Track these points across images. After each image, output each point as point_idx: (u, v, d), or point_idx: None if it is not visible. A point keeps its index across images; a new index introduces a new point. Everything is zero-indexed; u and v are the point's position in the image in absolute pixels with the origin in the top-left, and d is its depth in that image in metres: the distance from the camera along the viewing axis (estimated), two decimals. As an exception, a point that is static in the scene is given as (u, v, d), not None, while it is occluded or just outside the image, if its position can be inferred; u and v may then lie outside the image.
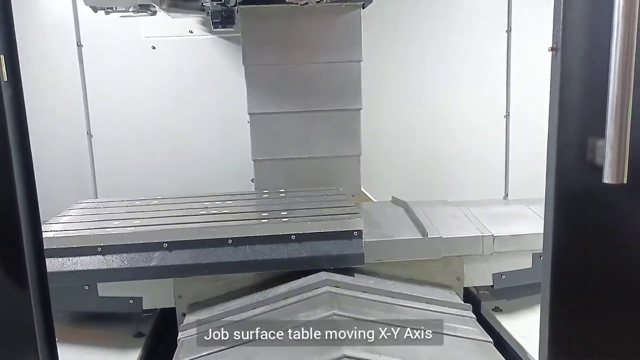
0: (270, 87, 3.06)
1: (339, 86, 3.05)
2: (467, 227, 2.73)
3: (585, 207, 1.35)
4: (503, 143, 3.73)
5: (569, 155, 1.31)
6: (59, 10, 3.44)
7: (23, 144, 1.28)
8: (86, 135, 3.57)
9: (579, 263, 1.40)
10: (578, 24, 1.28)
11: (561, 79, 1.29)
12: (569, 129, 1.31)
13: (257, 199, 3.10)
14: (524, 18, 3.58)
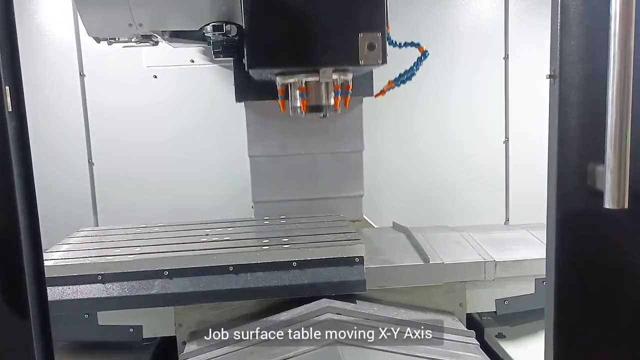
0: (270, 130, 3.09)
1: (340, 130, 3.09)
2: (469, 253, 2.73)
3: (587, 233, 1.35)
4: (503, 168, 3.75)
5: (570, 181, 1.32)
6: (62, 39, 3.49)
7: (26, 173, 1.29)
8: (87, 163, 3.58)
9: (582, 288, 1.40)
10: (575, 51, 1.30)
11: (559, 106, 1.31)
12: (568, 155, 1.32)
13: (258, 225, 3.09)
14: (520, 45, 3.63)
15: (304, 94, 2.29)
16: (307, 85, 2.28)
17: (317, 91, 2.31)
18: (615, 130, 1.23)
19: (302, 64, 2.20)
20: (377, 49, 2.10)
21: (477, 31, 3.61)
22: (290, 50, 2.15)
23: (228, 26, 2.25)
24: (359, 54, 2.11)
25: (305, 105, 2.31)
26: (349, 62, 2.17)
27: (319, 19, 2.12)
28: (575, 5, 1.29)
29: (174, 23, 2.38)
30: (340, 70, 2.29)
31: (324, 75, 2.22)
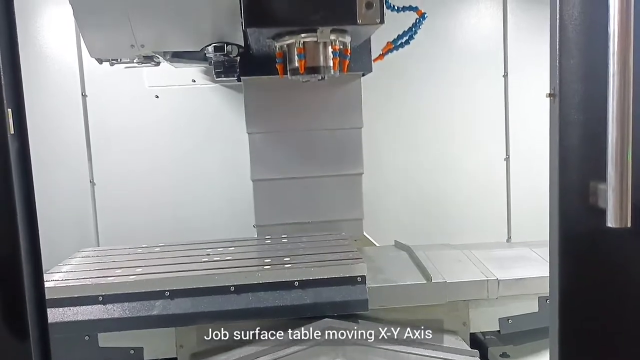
0: (273, 154, 3.11)
1: (340, 151, 3.11)
2: (471, 271, 2.71)
3: (590, 251, 1.34)
4: (504, 185, 3.75)
5: (572, 199, 1.32)
6: (64, 60, 3.51)
7: (28, 195, 1.29)
8: (89, 183, 3.58)
9: (586, 307, 1.39)
10: (574, 70, 1.30)
11: (560, 124, 1.31)
12: (570, 173, 1.32)
13: (259, 245, 3.08)
14: (520, 62, 3.65)
15: (302, 54, 2.25)
16: (304, 45, 2.24)
17: (315, 52, 2.27)
18: (616, 148, 1.23)
19: (300, 23, 2.16)
20: (375, 8, 2.08)
21: (477, 49, 3.65)
22: (288, 9, 2.12)
23: (229, 47, 2.27)
24: (357, 13, 2.08)
25: (303, 67, 2.27)
26: (347, 21, 2.15)
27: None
28: (574, 24, 1.29)
29: (176, 44, 2.39)
30: (338, 31, 2.26)
31: (322, 35, 2.19)
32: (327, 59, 2.29)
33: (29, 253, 1.32)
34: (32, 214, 1.30)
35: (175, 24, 2.31)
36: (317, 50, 2.27)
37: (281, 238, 3.11)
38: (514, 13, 3.63)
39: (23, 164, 1.28)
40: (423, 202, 3.56)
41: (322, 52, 2.28)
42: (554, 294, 1.40)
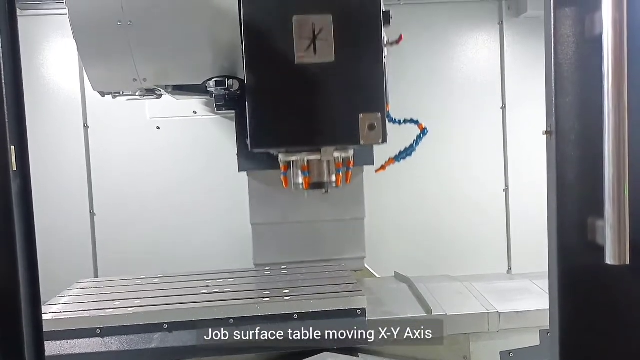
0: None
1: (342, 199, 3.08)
2: (472, 304, 2.69)
3: (589, 287, 1.34)
4: (504, 216, 3.75)
5: (570, 236, 1.32)
6: (67, 92, 3.56)
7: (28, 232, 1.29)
8: (89, 213, 3.59)
9: (586, 343, 1.38)
10: (570, 107, 1.32)
11: (557, 161, 1.32)
12: (568, 210, 1.32)
13: (258, 276, 3.06)
14: (517, 95, 3.70)
15: (306, 171, 2.35)
16: (308, 163, 2.34)
17: (319, 169, 2.38)
18: (614, 185, 1.24)
19: (304, 143, 2.26)
20: (377, 129, 2.17)
21: (475, 82, 3.69)
22: (293, 130, 2.21)
23: (230, 81, 2.30)
24: (359, 134, 2.17)
25: (307, 183, 2.37)
26: (350, 142, 2.24)
27: (321, 100, 2.19)
28: (569, 63, 1.32)
29: (177, 78, 2.43)
30: (341, 147, 2.35)
31: (326, 154, 2.28)
32: (330, 175, 2.40)
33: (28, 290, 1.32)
34: (32, 251, 1.30)
35: (177, 59, 2.35)
36: (320, 167, 2.38)
37: (280, 269, 3.09)
38: (510, 46, 3.69)
39: (25, 201, 1.28)
40: (423, 233, 3.55)
41: (326, 168, 2.38)
42: (555, 329, 1.40)
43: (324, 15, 2.14)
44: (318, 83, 2.18)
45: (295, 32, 2.14)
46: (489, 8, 3.69)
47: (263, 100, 2.19)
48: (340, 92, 2.18)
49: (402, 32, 3.50)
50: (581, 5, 1.30)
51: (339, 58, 2.15)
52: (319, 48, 2.14)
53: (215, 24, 2.24)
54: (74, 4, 2.17)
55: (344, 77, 2.17)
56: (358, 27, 2.17)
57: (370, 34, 2.17)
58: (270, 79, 2.21)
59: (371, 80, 2.17)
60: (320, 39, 2.14)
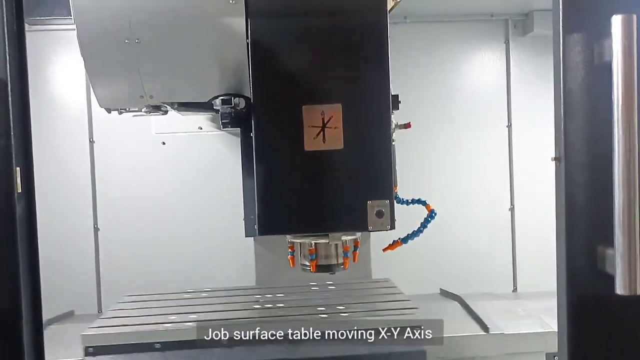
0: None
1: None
2: (527, 323, 2.65)
3: (599, 317, 1.32)
4: (509, 235, 3.73)
5: (579, 264, 1.31)
6: (74, 107, 3.57)
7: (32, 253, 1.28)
8: (93, 228, 3.58)
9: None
10: (579, 134, 1.31)
11: (566, 188, 1.31)
12: (577, 237, 1.31)
13: (306, 292, 3.07)
14: (523, 113, 3.69)
15: (314, 255, 2.35)
16: (316, 246, 2.34)
17: (327, 252, 2.38)
18: (624, 214, 1.22)
19: (312, 229, 2.26)
20: (385, 216, 2.16)
21: (481, 100, 3.69)
22: (301, 216, 2.21)
23: (236, 99, 2.29)
24: (367, 220, 2.16)
25: (314, 266, 2.36)
26: (358, 228, 2.24)
27: (329, 186, 2.20)
28: (578, 89, 1.31)
29: (184, 95, 2.42)
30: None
31: (334, 238, 2.28)
32: (338, 258, 2.39)
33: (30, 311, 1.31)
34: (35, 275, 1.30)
35: (183, 76, 2.35)
36: (328, 250, 2.38)
37: (327, 284, 3.11)
38: (516, 65, 3.69)
39: (28, 222, 1.28)
40: (427, 251, 3.52)
41: (334, 251, 2.38)
42: (563, 358, 1.37)
43: (334, 105, 2.16)
44: (327, 170, 2.20)
45: (304, 120, 2.16)
46: (495, 26, 3.69)
47: (271, 186, 2.21)
48: (349, 178, 2.19)
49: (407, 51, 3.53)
50: (590, 31, 1.29)
51: (347, 145, 2.16)
52: (327, 136, 2.16)
53: (222, 43, 2.24)
54: (82, 21, 2.18)
55: (353, 164, 2.18)
56: (367, 115, 2.18)
57: (380, 122, 2.18)
58: (280, 165, 2.23)
59: (380, 167, 2.18)
60: (329, 127, 2.16)
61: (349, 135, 2.17)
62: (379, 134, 2.20)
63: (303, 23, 2.19)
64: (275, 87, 2.22)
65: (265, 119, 2.22)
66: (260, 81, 2.19)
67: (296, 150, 2.17)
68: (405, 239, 2.56)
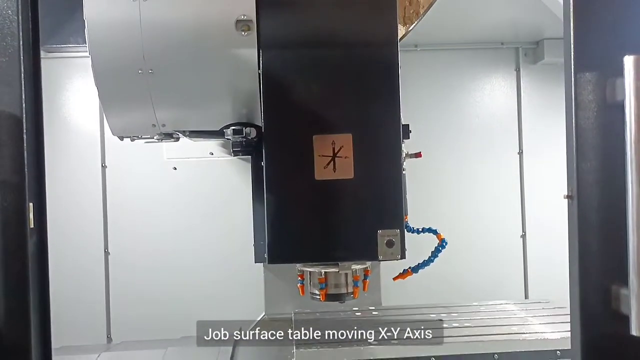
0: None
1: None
2: None
3: (614, 357, 1.30)
4: (521, 263, 3.69)
5: (593, 304, 1.29)
6: (87, 132, 3.61)
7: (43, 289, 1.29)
8: (103, 252, 3.59)
9: (612, 415, 1.33)
10: (592, 172, 1.30)
11: (579, 226, 1.30)
12: (591, 276, 1.29)
13: (457, 312, 3.07)
14: (534, 140, 3.68)
15: (323, 284, 2.35)
16: (326, 275, 2.34)
17: (337, 281, 2.38)
18: (638, 252, 1.21)
19: (322, 258, 2.27)
20: (395, 245, 2.16)
21: (492, 128, 3.69)
22: (311, 245, 2.22)
23: (247, 129, 2.30)
24: (377, 250, 2.16)
25: (324, 295, 2.37)
26: (368, 257, 2.25)
27: (339, 215, 2.21)
28: (591, 128, 1.30)
29: (196, 124, 2.44)
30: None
31: (343, 267, 2.28)
32: (347, 287, 2.39)
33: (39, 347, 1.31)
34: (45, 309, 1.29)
35: (196, 106, 2.37)
36: (338, 279, 2.38)
37: (461, 306, 3.13)
38: (527, 92, 3.70)
39: (40, 257, 1.29)
40: (437, 279, 3.48)
41: (343, 281, 2.38)
42: (578, 399, 1.34)
43: (345, 134, 2.17)
44: (337, 199, 2.21)
45: (315, 150, 2.17)
46: (506, 54, 3.70)
47: (281, 215, 2.22)
48: (359, 207, 2.19)
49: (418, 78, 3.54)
50: (602, 70, 1.29)
51: (358, 175, 2.16)
52: (338, 166, 2.17)
53: (234, 73, 2.26)
54: (97, 52, 2.21)
55: (363, 193, 2.19)
56: (378, 145, 2.20)
57: (390, 151, 2.20)
58: (290, 194, 2.24)
59: (390, 196, 2.18)
60: (340, 157, 2.17)
61: (359, 164, 2.17)
62: (389, 163, 2.20)
63: (314, 54, 2.22)
64: (286, 117, 2.24)
65: (276, 148, 2.24)
66: (271, 111, 2.22)
67: (306, 179, 2.18)
68: (415, 268, 2.54)
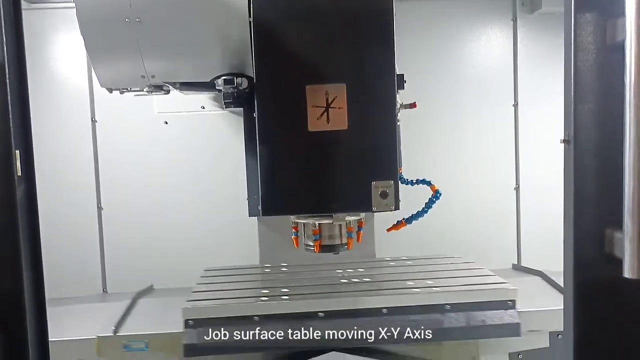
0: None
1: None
2: None
3: (606, 300, 1.31)
4: (514, 215, 3.71)
5: (587, 248, 1.29)
6: (75, 86, 3.53)
7: (33, 236, 1.27)
8: (97, 207, 3.58)
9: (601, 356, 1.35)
10: (590, 116, 1.28)
11: (575, 171, 1.29)
12: (585, 221, 1.29)
13: (384, 267, 3.12)
14: (530, 92, 3.64)
15: (317, 235, 2.35)
16: (320, 226, 2.34)
17: (331, 232, 2.37)
18: (634, 196, 1.20)
19: (316, 210, 2.25)
20: (389, 197, 2.15)
21: (487, 79, 3.63)
22: (305, 197, 2.21)
23: (239, 79, 2.25)
24: (372, 201, 2.15)
25: (318, 246, 2.37)
26: (362, 209, 2.24)
27: (333, 167, 2.19)
28: (589, 70, 1.28)
29: (186, 75, 2.39)
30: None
31: (337, 219, 2.28)
32: (342, 238, 2.39)
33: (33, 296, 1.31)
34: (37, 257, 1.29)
35: (185, 56, 2.32)
36: (332, 231, 2.37)
37: (404, 259, 3.20)
38: (524, 43, 3.63)
39: (30, 206, 1.27)
40: (429, 231, 3.50)
41: (337, 232, 2.38)
42: (569, 341, 1.37)
43: (338, 85, 2.13)
44: (331, 150, 2.18)
45: (308, 100, 2.13)
46: (502, 4, 3.62)
47: (274, 167, 2.20)
48: (353, 158, 2.18)
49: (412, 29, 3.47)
50: (603, 11, 1.25)
51: (352, 125, 2.14)
52: (332, 116, 2.14)
53: (224, 21, 2.20)
54: (81, 0, 2.14)
55: (357, 144, 2.17)
56: (372, 95, 2.16)
57: (385, 102, 2.16)
58: (283, 145, 2.23)
59: (384, 147, 2.16)
60: (333, 107, 2.14)
61: (353, 115, 2.14)
62: (384, 114, 2.17)
63: (307, 1, 2.15)
64: (279, 67, 2.19)
65: (268, 99, 2.20)
66: (263, 60, 2.16)
67: (300, 130, 2.15)
68: (409, 219, 2.55)
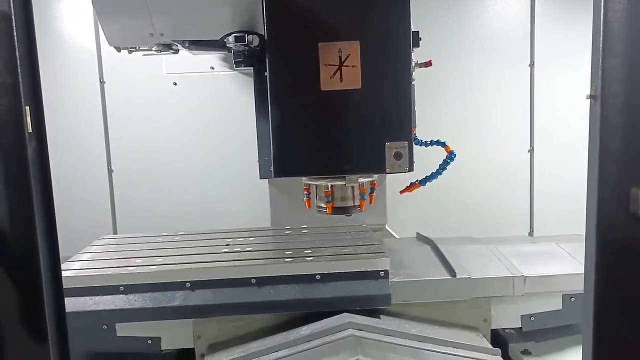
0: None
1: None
2: (496, 267, 2.65)
3: (629, 261, 1.28)
4: (528, 177, 3.66)
5: (611, 207, 1.26)
6: (83, 46, 3.48)
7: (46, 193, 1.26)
8: (107, 170, 3.57)
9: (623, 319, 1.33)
10: (618, 70, 1.23)
11: (600, 128, 1.24)
12: (610, 180, 1.25)
13: (279, 235, 3.06)
14: (547, 52, 3.54)
15: (330, 197, 2.31)
16: (332, 188, 2.30)
17: (343, 194, 2.34)
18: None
19: (329, 171, 2.22)
20: (404, 158, 2.12)
21: (503, 38, 3.53)
22: (317, 158, 2.17)
23: (250, 36, 2.20)
24: (385, 162, 2.13)
25: (330, 208, 2.33)
26: (376, 170, 2.20)
27: (346, 127, 2.14)
28: (620, 21, 1.22)
29: (195, 32, 2.34)
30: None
31: (350, 180, 2.24)
32: (354, 200, 2.34)
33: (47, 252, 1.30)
34: (50, 213, 1.27)
35: (194, 13, 2.26)
36: (344, 192, 2.33)
37: (301, 229, 3.08)
38: (541, 1, 3.51)
39: (41, 162, 1.25)
40: (444, 193, 3.47)
41: (350, 193, 2.33)
42: (589, 301, 1.35)
43: (352, 42, 2.07)
44: (344, 110, 2.13)
45: (321, 59, 2.08)
46: (520, -42, 3.50)
47: (286, 128, 2.15)
48: (367, 119, 2.12)
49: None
50: (636, -43, 1.19)
51: (365, 85, 2.08)
52: (345, 75, 2.08)
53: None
54: (87, -46, 2.08)
55: (371, 104, 2.11)
56: (386, 53, 2.10)
57: (399, 60, 2.10)
58: (295, 106, 2.17)
59: (398, 108, 2.11)
60: (346, 66, 2.08)
61: (367, 74, 2.09)
62: (398, 72, 2.12)
63: (320, -46, 2.08)
64: (290, 24, 2.13)
65: (279, 57, 2.15)
66: (274, 17, 2.11)
67: (312, 90, 2.11)
68: (423, 180, 2.52)
